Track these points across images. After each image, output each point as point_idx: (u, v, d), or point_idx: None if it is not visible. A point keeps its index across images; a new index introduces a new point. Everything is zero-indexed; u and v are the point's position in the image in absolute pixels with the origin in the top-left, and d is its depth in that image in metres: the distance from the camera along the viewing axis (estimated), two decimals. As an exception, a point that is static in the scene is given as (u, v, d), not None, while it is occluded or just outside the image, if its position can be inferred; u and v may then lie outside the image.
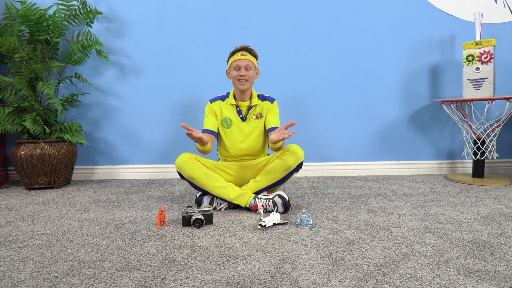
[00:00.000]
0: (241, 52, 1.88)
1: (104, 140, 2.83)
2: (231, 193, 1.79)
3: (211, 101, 1.99)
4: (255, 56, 1.94)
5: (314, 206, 1.87)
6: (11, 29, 2.43)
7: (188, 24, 2.76)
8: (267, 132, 1.95)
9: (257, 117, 1.95)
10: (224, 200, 1.81)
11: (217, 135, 1.99)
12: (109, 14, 2.75)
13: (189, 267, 1.13)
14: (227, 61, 1.95)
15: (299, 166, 1.82)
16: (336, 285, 1.00)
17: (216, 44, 2.77)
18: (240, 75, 1.85)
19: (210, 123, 1.95)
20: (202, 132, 1.93)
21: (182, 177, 1.86)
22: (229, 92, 2.00)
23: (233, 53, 1.91)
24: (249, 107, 1.95)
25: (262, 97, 1.99)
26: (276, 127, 1.92)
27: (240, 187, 1.90)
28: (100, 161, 2.85)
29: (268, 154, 2.03)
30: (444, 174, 2.83)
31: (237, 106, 1.95)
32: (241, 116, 1.95)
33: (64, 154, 2.46)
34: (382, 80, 2.81)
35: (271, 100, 1.99)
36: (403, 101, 2.83)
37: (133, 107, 2.81)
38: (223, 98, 1.99)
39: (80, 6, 2.54)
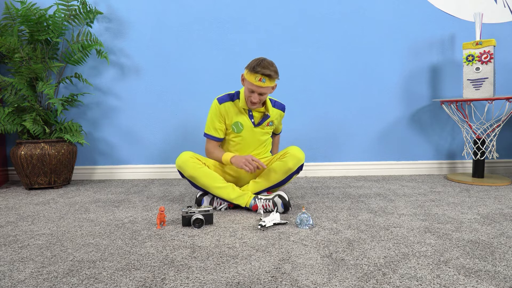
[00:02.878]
0: (260, 77, 1.68)
1: (104, 140, 2.83)
2: (231, 193, 1.79)
3: (220, 101, 1.84)
4: (275, 79, 1.75)
5: (314, 206, 1.87)
6: (11, 29, 2.43)
7: (188, 24, 2.76)
8: (272, 135, 2.10)
9: (268, 124, 1.91)
10: (224, 200, 1.81)
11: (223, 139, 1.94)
12: (109, 14, 2.75)
13: (189, 267, 1.13)
14: (246, 68, 1.75)
15: (300, 168, 1.82)
16: (336, 285, 1.00)
17: (216, 44, 2.77)
18: (252, 101, 1.75)
19: (217, 129, 1.86)
20: (206, 137, 1.89)
21: (182, 176, 1.85)
22: (239, 92, 1.85)
23: (253, 70, 1.68)
24: (265, 116, 1.87)
25: (275, 104, 1.94)
26: (279, 133, 2.17)
27: (240, 187, 1.90)
28: (100, 161, 2.85)
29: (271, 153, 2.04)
30: (444, 174, 2.83)
31: (249, 111, 1.85)
32: (252, 120, 1.86)
33: (64, 154, 2.46)
34: (382, 80, 2.81)
35: (283, 108, 1.97)
36: (403, 101, 2.83)
37: (133, 107, 2.81)
38: (233, 98, 1.85)
39: (80, 6, 2.54)
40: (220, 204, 1.83)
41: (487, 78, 2.40)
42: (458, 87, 2.84)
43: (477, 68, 2.43)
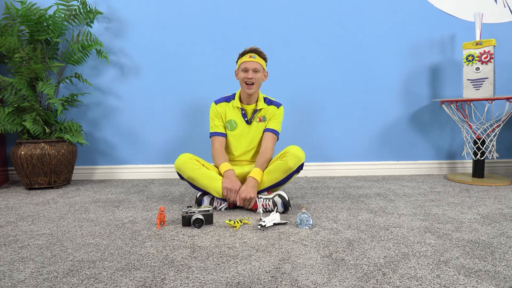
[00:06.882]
0: (250, 54, 1.87)
1: (104, 140, 2.83)
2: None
3: (216, 102, 1.98)
4: (264, 59, 1.93)
5: (314, 206, 1.87)
6: (11, 29, 2.43)
7: (188, 24, 2.76)
8: (263, 131, 1.96)
9: (260, 120, 1.96)
10: (224, 200, 1.81)
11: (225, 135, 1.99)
12: (109, 14, 2.75)
13: (189, 267, 1.13)
14: (236, 62, 1.94)
15: (300, 167, 1.82)
16: (336, 285, 1.00)
17: (216, 44, 2.77)
18: (248, 78, 1.84)
19: (219, 126, 1.96)
20: (211, 136, 1.96)
21: (181, 177, 1.86)
22: (235, 94, 1.99)
23: (242, 55, 1.90)
24: (255, 111, 1.95)
25: (268, 101, 1.99)
26: (271, 129, 1.93)
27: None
28: (100, 161, 2.85)
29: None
30: (444, 174, 2.83)
31: (242, 109, 1.94)
32: (246, 119, 1.95)
33: (64, 154, 2.46)
34: (382, 80, 2.81)
35: (277, 105, 1.98)
36: (403, 101, 2.83)
37: (133, 107, 2.81)
38: (228, 99, 1.99)
39: (80, 6, 2.54)
40: (220, 204, 1.83)
41: (487, 78, 2.40)
42: (458, 87, 2.84)
43: (477, 68, 2.43)
